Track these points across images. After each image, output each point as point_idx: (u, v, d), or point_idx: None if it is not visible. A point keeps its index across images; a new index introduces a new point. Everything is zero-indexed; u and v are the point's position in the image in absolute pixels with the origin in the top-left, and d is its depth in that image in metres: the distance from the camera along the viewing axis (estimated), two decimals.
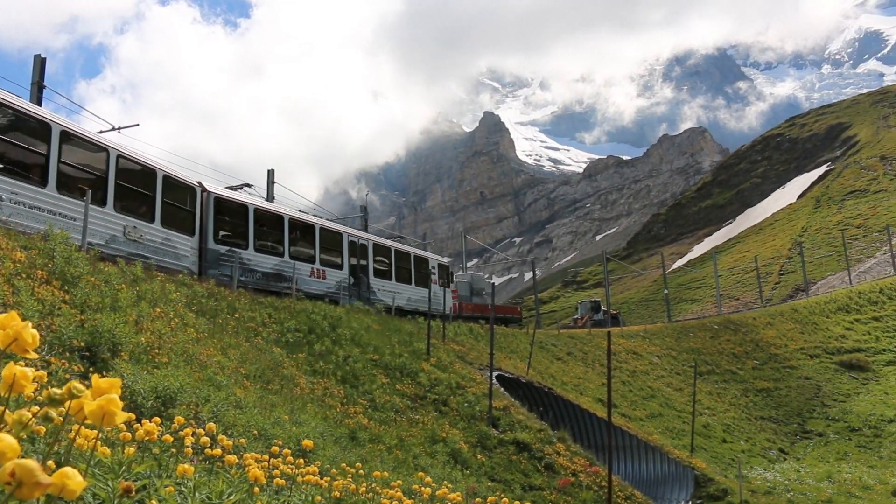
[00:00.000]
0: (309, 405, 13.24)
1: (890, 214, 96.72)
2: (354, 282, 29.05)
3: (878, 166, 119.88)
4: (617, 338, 42.01)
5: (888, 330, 54.82)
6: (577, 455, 20.17)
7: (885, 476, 31.67)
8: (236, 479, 4.50)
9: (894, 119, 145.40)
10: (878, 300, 59.70)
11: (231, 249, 22.81)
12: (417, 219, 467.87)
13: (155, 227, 19.55)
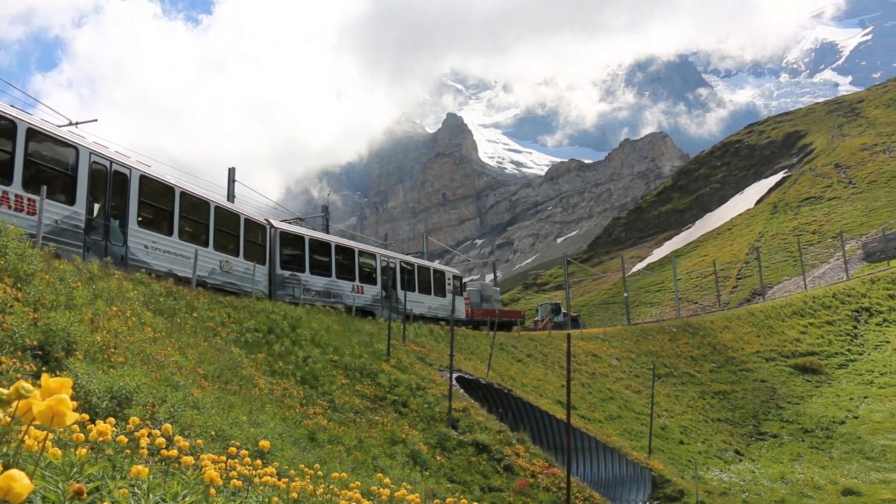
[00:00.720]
0: (268, 406, 13.13)
1: (843, 221, 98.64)
2: (385, 295, 33.78)
3: (832, 174, 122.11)
4: (577, 340, 42.28)
5: (840, 334, 55.91)
6: (536, 456, 20.23)
7: (836, 476, 32.27)
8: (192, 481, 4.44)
9: (848, 128, 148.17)
10: (831, 305, 60.84)
11: (293, 273, 28.00)
12: (379, 219, 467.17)
13: (240, 260, 24.85)
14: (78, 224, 17.72)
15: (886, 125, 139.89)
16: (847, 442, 37.65)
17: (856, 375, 49.26)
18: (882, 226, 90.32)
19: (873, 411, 41.89)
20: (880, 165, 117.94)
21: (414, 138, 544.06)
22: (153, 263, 20.21)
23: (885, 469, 33.13)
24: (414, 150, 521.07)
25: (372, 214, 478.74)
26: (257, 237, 26.21)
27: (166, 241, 21.17)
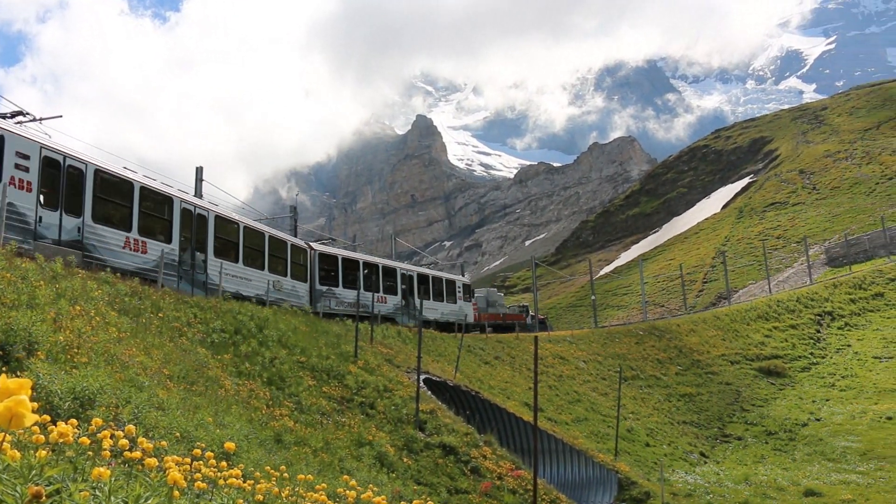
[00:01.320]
0: (234, 407, 13.00)
1: (807, 226, 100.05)
2: (405, 304, 37.88)
3: (797, 180, 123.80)
4: (544, 343, 42.42)
5: (804, 337, 56.69)
6: (503, 458, 20.25)
7: (798, 477, 32.72)
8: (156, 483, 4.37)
9: (812, 135, 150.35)
10: (795, 308, 61.66)
11: (329, 288, 32.62)
12: (348, 220, 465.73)
13: (287, 280, 29.32)
14: (174, 258, 22.52)
15: (849, 133, 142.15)
16: (809, 444, 38.19)
17: (818, 378, 49.99)
18: (844, 231, 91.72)
19: (834, 413, 42.52)
20: (843, 172, 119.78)
21: (383, 139, 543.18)
22: (225, 286, 24.73)
23: (846, 470, 33.63)
24: (383, 151, 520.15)
25: (340, 215, 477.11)
26: (300, 259, 30.95)
27: (234, 268, 25.90)
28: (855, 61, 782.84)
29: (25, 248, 16.52)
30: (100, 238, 19.58)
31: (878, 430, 38.81)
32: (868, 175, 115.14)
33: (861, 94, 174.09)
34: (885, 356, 52.16)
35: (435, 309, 41.00)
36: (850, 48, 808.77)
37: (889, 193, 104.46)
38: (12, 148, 17.13)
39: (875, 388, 46.88)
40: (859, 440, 37.65)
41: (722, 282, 78.54)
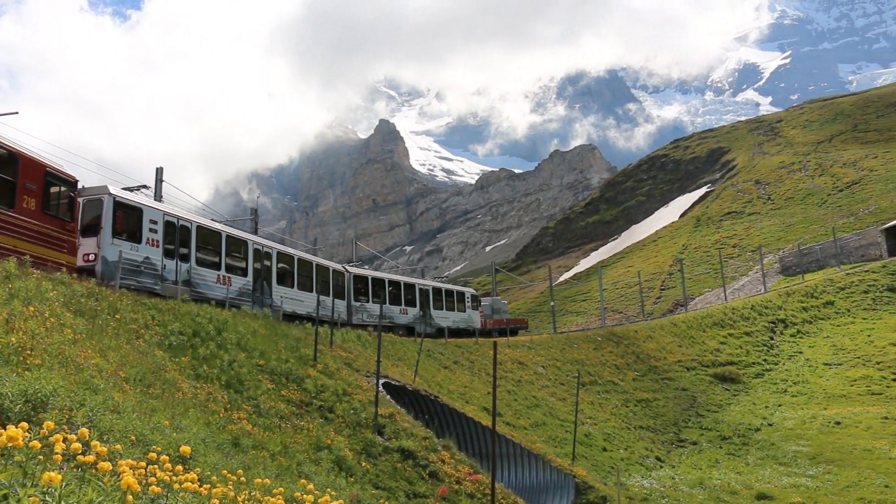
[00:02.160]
0: (191, 410, 12.86)
1: (762, 236, 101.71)
2: (422, 314, 43.70)
3: (752, 190, 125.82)
4: (503, 348, 42.57)
5: (758, 344, 57.60)
6: (461, 463, 20.27)
7: (751, 481, 33.23)
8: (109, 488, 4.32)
9: (768, 146, 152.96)
10: (749, 316, 62.63)
11: (361, 304, 38.75)
12: (309, 223, 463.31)
13: (329, 299, 35.15)
14: (248, 289, 28.83)
15: (802, 145, 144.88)
16: (762, 448, 38.79)
17: (771, 384, 50.84)
18: (797, 241, 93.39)
19: (786, 419, 43.26)
20: (797, 183, 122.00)
21: (346, 143, 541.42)
22: (284, 307, 30.85)
23: (796, 474, 34.24)
24: (345, 155, 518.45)
25: (302, 218, 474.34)
26: (339, 280, 37.04)
27: (290, 292, 32.01)
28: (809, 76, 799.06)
29: (155, 288, 23.19)
30: (201, 277, 25.87)
31: (828, 435, 39.57)
32: (820, 186, 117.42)
33: (814, 107, 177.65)
34: (834, 363, 53.19)
35: (447, 317, 46.33)
36: (805, 63, 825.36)
37: (840, 205, 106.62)
38: (147, 217, 23.55)
39: (825, 394, 47.80)
40: (809, 445, 38.36)
41: (679, 289, 79.53)
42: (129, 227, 22.72)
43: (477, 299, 51.21)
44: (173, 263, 24.41)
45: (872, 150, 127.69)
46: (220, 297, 26.03)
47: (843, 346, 56.08)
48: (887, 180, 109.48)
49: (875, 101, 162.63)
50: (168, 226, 24.38)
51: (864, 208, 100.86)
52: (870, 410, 43.05)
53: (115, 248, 21.86)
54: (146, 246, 23.14)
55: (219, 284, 26.62)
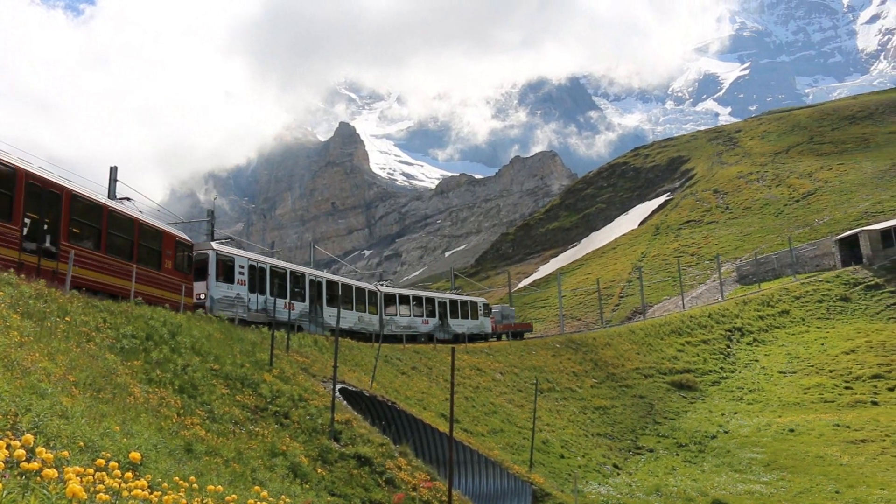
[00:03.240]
0: (143, 415, 12.58)
1: (720, 244, 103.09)
2: (441, 323, 49.42)
3: (711, 199, 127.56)
4: (461, 354, 42.54)
5: (714, 352, 58.30)
6: (418, 469, 20.14)
7: (707, 488, 33.58)
8: (54, 496, 4.15)
9: (727, 156, 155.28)
10: (706, 324, 63.38)
11: (391, 317, 44.91)
12: (266, 226, 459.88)
13: (367, 314, 41.95)
14: (306, 311, 35.92)
15: (760, 155, 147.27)
16: (718, 455, 39.22)
17: (727, 392, 51.47)
18: (754, 250, 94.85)
19: (742, 426, 43.79)
20: (754, 193, 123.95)
21: (305, 145, 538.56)
22: (332, 324, 36.77)
23: (751, 481, 34.68)
24: (304, 157, 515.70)
25: (259, 221, 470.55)
26: (373, 299, 43.34)
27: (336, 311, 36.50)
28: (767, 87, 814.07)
29: (244, 316, 30.40)
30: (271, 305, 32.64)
31: (782, 442, 40.15)
32: (777, 197, 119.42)
33: (772, 118, 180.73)
34: (789, 371, 54.04)
35: (462, 325, 51.64)
36: (763, 75, 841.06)
37: (796, 215, 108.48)
38: (237, 264, 31.12)
39: (779, 401, 48.53)
40: (764, 452, 38.87)
41: (638, 297, 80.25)
42: (225, 272, 30.50)
43: (488, 308, 56.49)
44: (255, 297, 31.95)
45: (827, 162, 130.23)
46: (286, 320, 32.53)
47: (798, 355, 57.02)
48: (841, 192, 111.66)
49: (830, 115, 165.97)
50: (251, 269, 32.10)
51: (819, 219, 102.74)
52: (822, 418, 43.80)
53: (218, 288, 29.73)
54: (237, 285, 30.95)
55: (286, 309, 33.47)
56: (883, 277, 72.76)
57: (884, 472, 35.02)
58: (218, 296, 29.60)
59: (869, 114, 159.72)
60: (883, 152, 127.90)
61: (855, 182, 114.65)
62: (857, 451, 38.05)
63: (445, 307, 50.40)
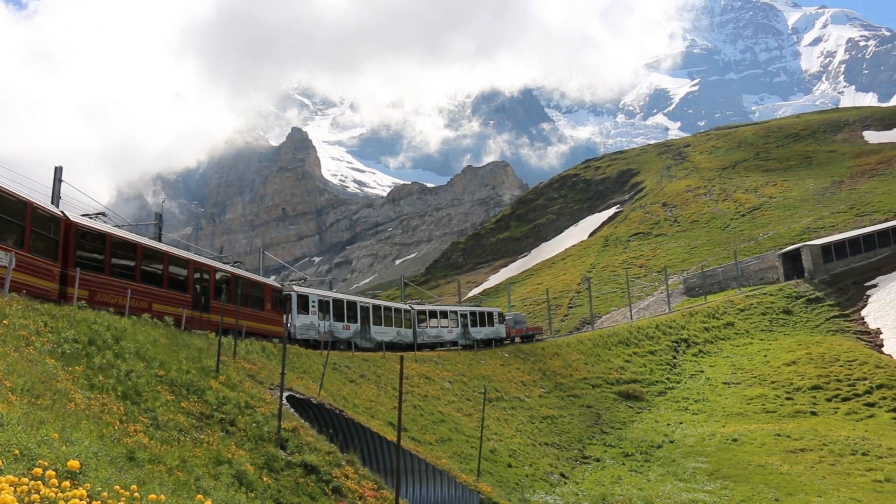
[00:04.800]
0: (84, 422, 12.25)
1: (668, 257, 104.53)
2: (463, 331, 55.99)
3: (660, 212, 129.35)
4: (410, 362, 42.42)
5: (661, 363, 59.03)
6: (365, 478, 19.98)
7: (652, 497, 33.90)
8: None
9: (675, 170, 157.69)
10: (654, 335, 64.12)
11: (423, 329, 52.59)
12: (216, 231, 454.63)
13: (403, 328, 49.62)
14: (358, 330, 43.93)
15: (708, 170, 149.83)
16: (663, 464, 39.65)
17: (673, 402, 52.13)
18: (701, 263, 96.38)
19: (687, 436, 44.36)
20: (702, 207, 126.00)
21: (256, 150, 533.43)
22: (378, 339, 45.71)
23: (695, 489, 35.11)
24: (255, 162, 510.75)
25: (208, 225, 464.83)
26: (407, 315, 50.81)
27: (380, 329, 46.61)
28: (715, 104, 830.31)
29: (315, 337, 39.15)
30: (335, 328, 41.59)
31: (725, 452, 40.76)
32: (724, 211, 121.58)
33: (720, 134, 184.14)
34: (733, 382, 54.95)
35: (480, 332, 57.87)
36: (712, 91, 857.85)
37: (742, 229, 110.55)
38: (310, 299, 39.87)
39: (724, 411, 49.30)
40: (708, 461, 39.41)
41: (586, 307, 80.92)
42: (303, 306, 39.17)
43: (502, 316, 62.30)
44: (323, 322, 40.54)
45: (772, 178, 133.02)
46: (343, 338, 42.45)
47: (742, 366, 58.02)
48: (785, 207, 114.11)
49: (775, 132, 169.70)
50: (319, 302, 40.79)
51: (763, 233, 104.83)
52: (764, 428, 44.59)
53: (299, 318, 38.51)
54: (310, 315, 39.58)
55: (344, 330, 42.64)
56: (823, 291, 74.50)
57: (821, 479, 35.79)
58: (299, 324, 38.40)
59: (811, 132, 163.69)
60: (824, 170, 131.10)
61: (798, 198, 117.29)
62: (796, 459, 38.84)
63: (466, 318, 57.28)
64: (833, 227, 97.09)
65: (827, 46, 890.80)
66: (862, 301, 70.99)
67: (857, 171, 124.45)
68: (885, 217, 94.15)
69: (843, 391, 50.47)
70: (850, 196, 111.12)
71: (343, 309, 43.23)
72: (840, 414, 47.63)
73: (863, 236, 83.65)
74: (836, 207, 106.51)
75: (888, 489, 34.28)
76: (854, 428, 44.40)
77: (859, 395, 49.60)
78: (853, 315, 68.49)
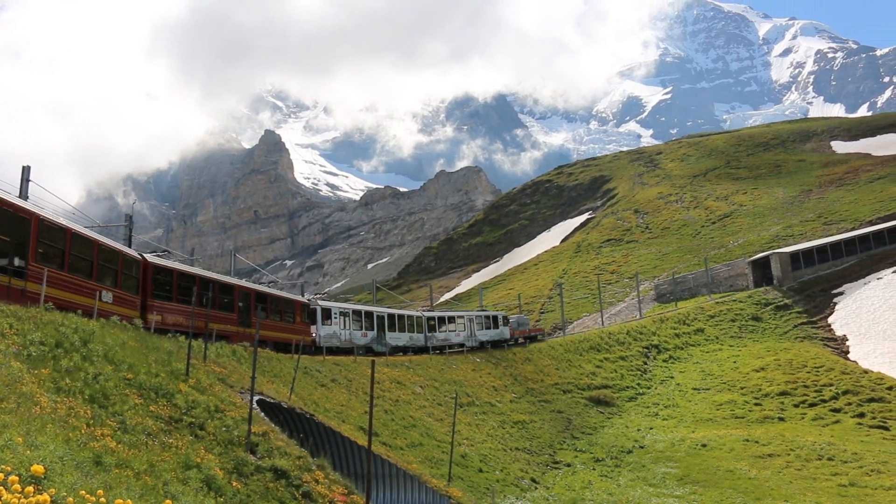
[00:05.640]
0: (49, 426, 12.06)
1: (639, 263, 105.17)
2: (470, 334, 59.19)
3: (631, 218, 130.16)
4: (381, 367, 42.31)
5: (632, 369, 59.34)
6: (335, 483, 19.86)
7: (622, 502, 34.09)
8: None
9: (647, 177, 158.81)
10: (624, 341, 64.47)
11: (433, 334, 56.05)
12: (187, 233, 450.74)
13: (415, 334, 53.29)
14: (374, 336, 47.89)
15: (679, 178, 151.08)
16: (633, 470, 39.82)
17: (643, 408, 52.43)
18: (672, 270, 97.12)
19: (657, 441, 44.61)
20: (673, 214, 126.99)
21: (228, 152, 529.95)
22: (393, 344, 50.04)
23: (665, 495, 35.29)
24: (227, 164, 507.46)
25: (179, 227, 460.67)
26: (421, 322, 54.79)
27: (395, 335, 50.67)
28: (687, 112, 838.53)
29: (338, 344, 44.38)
30: (354, 336, 46.01)
31: (695, 457, 41.03)
32: (695, 218, 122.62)
33: (691, 142, 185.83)
34: (702, 388, 55.37)
35: (486, 334, 61.05)
36: (684, 100, 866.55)
37: (712, 236, 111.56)
38: (333, 312, 44.33)
39: (693, 417, 49.67)
40: (677, 466, 39.65)
41: (558, 313, 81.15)
42: (327, 318, 43.91)
43: (506, 319, 65.28)
44: (344, 331, 45.16)
45: (742, 186, 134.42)
46: (363, 343, 46.81)
47: (711, 372, 58.49)
48: (755, 215, 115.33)
49: (746, 140, 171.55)
50: (341, 313, 45.58)
51: (733, 241, 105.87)
52: (733, 433, 44.96)
53: (323, 328, 43.26)
54: (333, 325, 44.32)
55: (362, 337, 47.07)
56: (791, 298, 75.35)
57: (788, 484, 36.15)
58: (323, 333, 43.08)
59: (781, 142, 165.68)
60: (793, 179, 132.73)
61: (767, 206, 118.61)
62: (764, 465, 39.19)
63: (472, 322, 60.75)
64: (801, 235, 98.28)
65: (796, 57, 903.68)
66: (829, 308, 71.89)
67: (825, 181, 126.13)
68: (852, 226, 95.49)
69: (810, 397, 51.06)
70: (818, 205, 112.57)
71: (361, 318, 47.95)
72: (807, 419, 48.18)
73: (830, 245, 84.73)
74: (804, 216, 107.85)
75: (852, 493, 34.70)
76: (820, 433, 44.92)
77: (826, 401, 50.21)
78: (820, 322, 69.32)
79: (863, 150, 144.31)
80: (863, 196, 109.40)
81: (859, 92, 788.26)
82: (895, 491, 34.45)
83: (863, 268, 79.62)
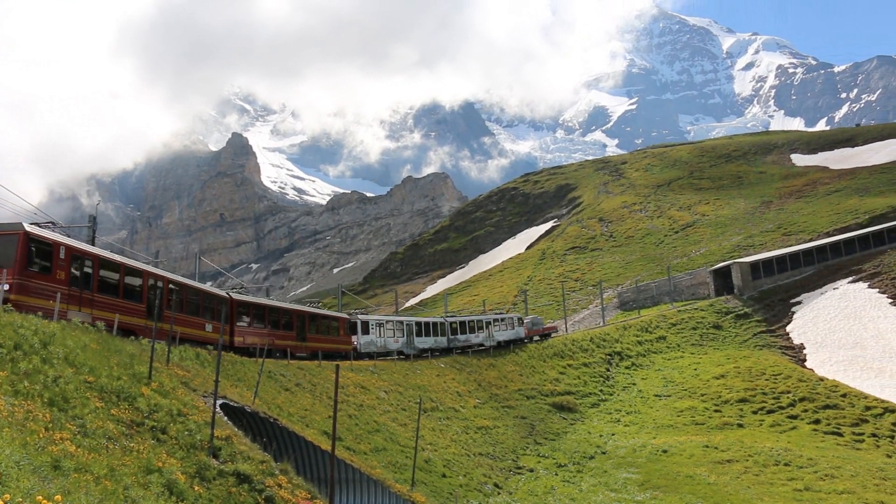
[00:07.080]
0: (6, 430, 11.95)
1: (603, 271, 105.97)
2: (488, 334, 63.80)
3: (596, 227, 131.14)
4: (346, 371, 42.22)
5: (595, 375, 59.80)
6: (299, 488, 19.82)
7: None
8: None
9: (612, 186, 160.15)
10: (588, 348, 64.95)
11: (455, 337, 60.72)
12: (151, 235, 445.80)
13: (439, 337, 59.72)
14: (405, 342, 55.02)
15: (643, 187, 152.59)
16: (595, 475, 40.14)
17: (606, 414, 52.85)
18: (635, 278, 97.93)
19: (619, 447, 45.01)
20: (637, 223, 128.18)
21: (195, 154, 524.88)
22: (420, 347, 56.31)
23: (626, 500, 35.65)
24: (194, 166, 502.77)
25: (144, 229, 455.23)
26: (444, 327, 60.18)
27: (421, 339, 56.66)
28: (652, 123, 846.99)
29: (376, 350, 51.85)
30: (388, 342, 52.66)
31: (655, 463, 41.47)
32: (658, 227, 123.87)
33: (656, 153, 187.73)
34: (664, 394, 55.97)
35: (503, 334, 65.66)
36: (649, 110, 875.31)
37: (675, 245, 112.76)
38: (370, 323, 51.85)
39: (655, 423, 50.17)
40: (639, 472, 40.04)
41: None
42: (365, 329, 50.67)
43: (521, 319, 69.93)
44: (380, 339, 51.85)
45: (705, 197, 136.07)
46: (395, 348, 53.43)
47: (673, 379, 59.14)
48: (717, 225, 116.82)
49: (709, 152, 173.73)
50: (377, 324, 52.45)
51: (695, 250, 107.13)
52: (693, 439, 45.51)
53: (363, 338, 49.89)
54: (371, 335, 51.12)
55: (394, 343, 53.45)
56: (751, 307, 76.47)
57: (745, 489, 36.71)
58: (363, 342, 49.93)
59: (743, 154, 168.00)
60: (754, 190, 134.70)
61: (729, 216, 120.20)
62: (723, 470, 39.74)
63: (490, 324, 65.45)
64: (762, 245, 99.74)
65: (759, 72, 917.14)
66: (787, 317, 73.03)
67: (785, 192, 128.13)
68: (810, 237, 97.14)
69: (768, 404, 51.85)
70: (778, 216, 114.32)
71: (393, 327, 54.75)
72: (765, 426, 48.92)
73: (789, 255, 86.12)
74: (764, 227, 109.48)
75: (807, 497, 35.36)
76: (778, 439, 45.65)
77: (783, 408, 51.05)
78: (779, 330, 70.41)
79: (821, 163, 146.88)
80: (820, 208, 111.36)
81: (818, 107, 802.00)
82: (848, 495, 35.15)
83: (820, 278, 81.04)
